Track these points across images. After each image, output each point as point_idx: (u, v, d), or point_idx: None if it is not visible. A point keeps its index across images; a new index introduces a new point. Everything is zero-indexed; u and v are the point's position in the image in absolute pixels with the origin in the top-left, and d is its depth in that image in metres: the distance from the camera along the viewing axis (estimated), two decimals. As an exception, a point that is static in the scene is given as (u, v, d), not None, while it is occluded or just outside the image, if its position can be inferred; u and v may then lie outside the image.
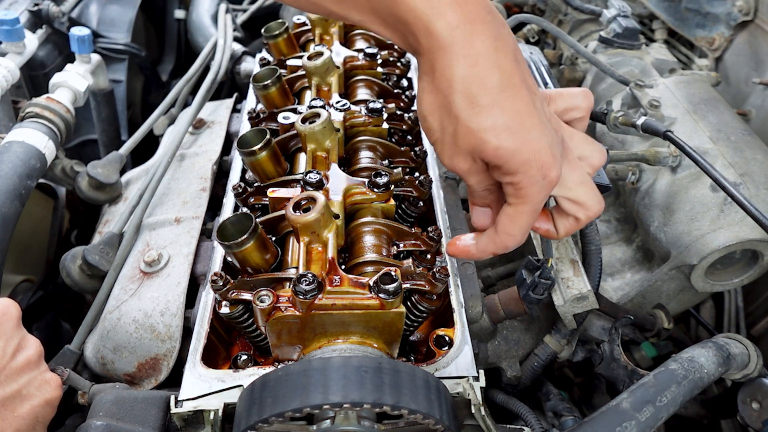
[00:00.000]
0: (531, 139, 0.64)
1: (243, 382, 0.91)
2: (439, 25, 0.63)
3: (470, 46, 0.63)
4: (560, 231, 0.79)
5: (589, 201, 0.75)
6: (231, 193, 1.20)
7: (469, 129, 0.64)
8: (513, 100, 0.64)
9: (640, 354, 1.37)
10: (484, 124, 0.64)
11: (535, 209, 0.70)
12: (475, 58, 0.63)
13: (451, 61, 0.63)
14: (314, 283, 0.84)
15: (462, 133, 0.65)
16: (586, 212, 0.76)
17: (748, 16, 1.80)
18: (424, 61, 0.67)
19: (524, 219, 0.71)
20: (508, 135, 0.63)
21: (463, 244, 0.79)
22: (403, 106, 1.38)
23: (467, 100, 0.64)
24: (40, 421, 0.87)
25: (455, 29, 0.62)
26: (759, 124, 1.72)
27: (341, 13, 0.70)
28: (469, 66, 0.63)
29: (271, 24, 1.53)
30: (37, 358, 0.90)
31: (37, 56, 1.93)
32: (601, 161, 0.78)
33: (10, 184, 1.24)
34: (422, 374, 0.80)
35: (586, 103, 0.79)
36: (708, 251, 1.22)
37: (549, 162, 0.65)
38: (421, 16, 0.63)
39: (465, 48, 0.63)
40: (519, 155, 0.64)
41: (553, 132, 0.67)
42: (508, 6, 2.26)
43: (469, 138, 0.65)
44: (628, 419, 0.93)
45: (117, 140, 2.10)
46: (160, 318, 1.12)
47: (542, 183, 0.66)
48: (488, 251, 0.77)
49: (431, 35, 0.63)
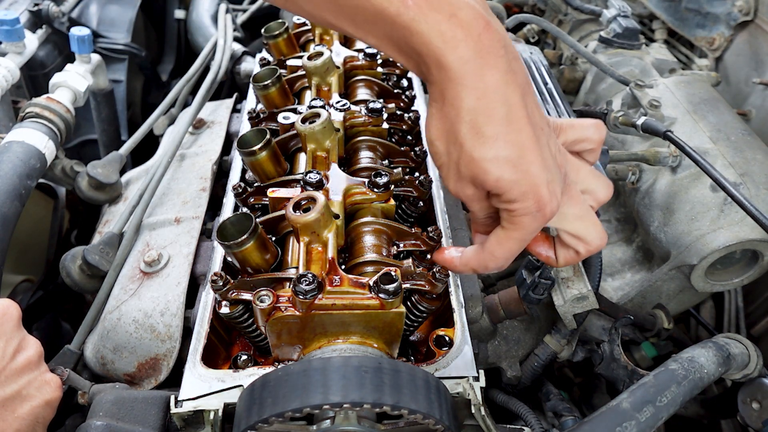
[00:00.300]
0: (531, 173, 0.66)
1: (243, 382, 0.91)
2: (451, 58, 0.64)
3: (480, 80, 0.64)
4: (560, 260, 0.81)
5: (589, 236, 0.77)
6: (231, 193, 1.20)
7: (472, 158, 0.66)
8: (517, 134, 0.65)
9: (640, 354, 1.37)
10: (487, 154, 0.65)
11: (524, 238, 0.72)
12: (483, 91, 0.64)
13: (460, 93, 0.65)
14: (314, 283, 0.84)
15: (465, 160, 0.67)
16: (585, 246, 0.78)
17: (748, 16, 1.80)
18: (434, 89, 0.68)
19: (511, 244, 0.73)
20: (509, 167, 0.65)
21: (448, 255, 0.82)
22: (403, 106, 1.38)
23: (473, 130, 0.65)
24: (40, 421, 0.87)
25: (467, 63, 0.64)
26: (759, 124, 1.72)
27: (359, 36, 0.71)
28: (478, 98, 0.64)
29: (271, 24, 1.53)
30: (37, 358, 0.90)
31: (37, 56, 1.93)
32: (607, 196, 0.79)
33: (10, 184, 1.24)
34: (422, 374, 0.80)
35: (598, 135, 0.79)
36: (708, 251, 1.22)
37: (545, 197, 0.67)
38: (434, 49, 0.64)
39: (475, 81, 0.64)
40: (518, 186, 0.66)
41: (555, 168, 0.69)
42: (508, 6, 2.26)
43: (471, 166, 0.67)
44: (628, 419, 0.93)
45: (117, 140, 2.10)
46: (160, 318, 1.12)
47: (536, 215, 0.68)
48: (470, 267, 0.79)
49: (442, 68, 0.65)
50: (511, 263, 0.77)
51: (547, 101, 1.39)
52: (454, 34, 0.63)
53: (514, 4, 2.29)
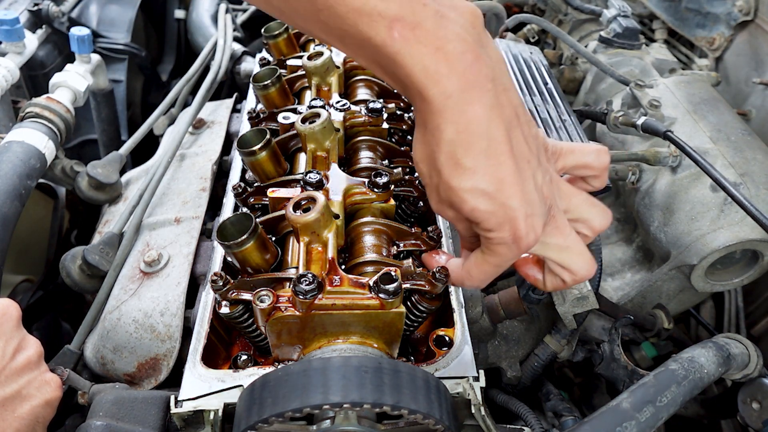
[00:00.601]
0: (508, 205, 0.66)
1: (243, 382, 0.91)
2: (432, 92, 0.64)
3: (461, 114, 0.64)
4: (547, 285, 0.82)
5: (574, 266, 0.76)
6: (231, 193, 1.20)
7: (449, 186, 0.67)
8: (496, 168, 0.65)
9: (640, 354, 1.37)
10: (463, 184, 0.66)
11: (500, 264, 0.73)
12: (465, 125, 0.64)
13: (440, 125, 0.65)
14: (314, 283, 0.84)
15: (444, 187, 0.68)
16: (571, 276, 0.78)
17: (748, 16, 1.80)
18: (418, 116, 0.69)
19: (486, 268, 0.74)
20: (485, 199, 0.66)
21: (435, 260, 0.85)
22: (403, 106, 1.38)
23: (451, 161, 0.66)
24: (40, 421, 0.87)
25: (449, 98, 0.64)
26: (759, 124, 1.72)
27: (351, 56, 0.72)
28: (458, 132, 0.65)
29: (271, 24, 1.53)
30: (37, 358, 0.90)
31: (37, 56, 1.93)
32: (603, 225, 0.78)
33: (10, 184, 1.24)
34: (422, 374, 0.80)
35: (599, 162, 0.78)
36: (708, 251, 1.22)
37: (522, 229, 0.67)
38: (415, 82, 0.64)
39: (455, 116, 0.64)
40: (494, 217, 0.66)
41: (538, 200, 0.68)
42: (508, 6, 2.26)
43: (448, 193, 0.68)
44: (628, 419, 0.93)
45: (117, 140, 2.10)
46: (160, 318, 1.12)
47: (511, 246, 0.69)
48: (449, 279, 0.83)
49: (424, 100, 0.65)
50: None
51: (547, 101, 1.39)
52: (438, 69, 0.63)
53: (514, 4, 2.29)
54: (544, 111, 1.34)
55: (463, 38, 0.64)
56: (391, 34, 0.62)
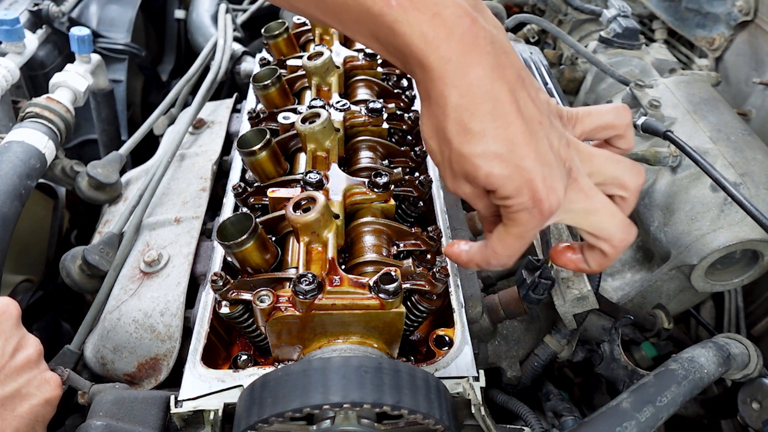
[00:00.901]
0: (523, 167, 0.64)
1: (243, 382, 0.91)
2: (432, 58, 0.63)
3: (462, 77, 0.63)
4: (591, 265, 0.77)
5: (608, 230, 0.72)
6: (231, 193, 1.20)
7: (461, 154, 0.65)
8: (505, 129, 0.64)
9: (640, 354, 1.37)
10: (475, 150, 0.64)
11: (524, 235, 0.69)
12: (467, 88, 0.64)
13: (444, 91, 0.64)
14: (314, 283, 0.84)
15: (456, 158, 0.66)
16: (609, 244, 0.73)
17: (748, 16, 1.80)
18: (421, 89, 0.68)
19: (511, 241, 0.70)
20: (498, 162, 0.64)
21: (457, 249, 0.80)
22: (403, 106, 1.38)
23: (459, 127, 0.64)
24: (40, 420, 0.87)
25: (448, 62, 0.63)
26: (759, 124, 1.72)
27: (347, 33, 0.72)
28: (461, 95, 0.64)
29: (271, 24, 1.53)
30: (36, 357, 0.90)
31: (37, 56, 1.93)
32: (637, 181, 0.73)
33: (10, 184, 1.24)
34: (422, 374, 0.80)
35: (620, 119, 0.75)
36: (708, 251, 1.22)
37: (541, 192, 0.65)
38: (415, 50, 0.64)
39: (457, 79, 0.64)
40: (511, 182, 0.64)
41: (555, 162, 0.66)
42: (508, 6, 2.26)
43: (461, 163, 0.66)
44: (628, 419, 0.93)
45: (117, 140, 2.10)
46: (160, 318, 1.12)
47: (533, 211, 0.66)
48: (474, 262, 0.77)
49: (425, 68, 0.64)
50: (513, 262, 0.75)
51: (547, 101, 1.39)
52: (436, 34, 0.63)
53: (514, 4, 2.29)
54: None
55: (459, 3, 0.64)
56: (389, 2, 0.63)
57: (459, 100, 0.64)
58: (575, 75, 1.85)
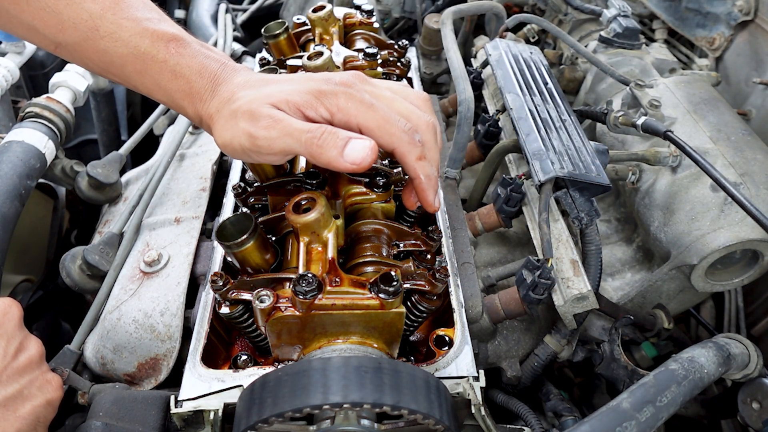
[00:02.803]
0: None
1: (243, 382, 0.91)
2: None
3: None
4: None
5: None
6: (231, 193, 1.20)
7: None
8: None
9: (640, 354, 1.37)
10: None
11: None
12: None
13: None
14: (314, 284, 0.84)
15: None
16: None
17: (748, 16, 1.80)
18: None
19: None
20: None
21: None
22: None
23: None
24: (41, 421, 0.87)
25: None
26: (759, 124, 1.72)
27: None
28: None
29: (271, 24, 1.53)
30: (38, 358, 0.90)
31: (37, 56, 1.93)
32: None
33: (10, 184, 1.24)
34: (422, 374, 0.80)
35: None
36: (708, 251, 1.22)
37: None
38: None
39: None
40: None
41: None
42: (508, 6, 2.25)
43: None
44: (628, 419, 0.93)
45: (117, 140, 2.10)
46: (160, 318, 1.12)
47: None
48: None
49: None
50: (511, 264, 0.76)
51: (547, 101, 1.39)
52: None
53: (514, 4, 2.29)
54: (544, 111, 1.34)
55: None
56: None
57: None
58: (575, 75, 1.85)
